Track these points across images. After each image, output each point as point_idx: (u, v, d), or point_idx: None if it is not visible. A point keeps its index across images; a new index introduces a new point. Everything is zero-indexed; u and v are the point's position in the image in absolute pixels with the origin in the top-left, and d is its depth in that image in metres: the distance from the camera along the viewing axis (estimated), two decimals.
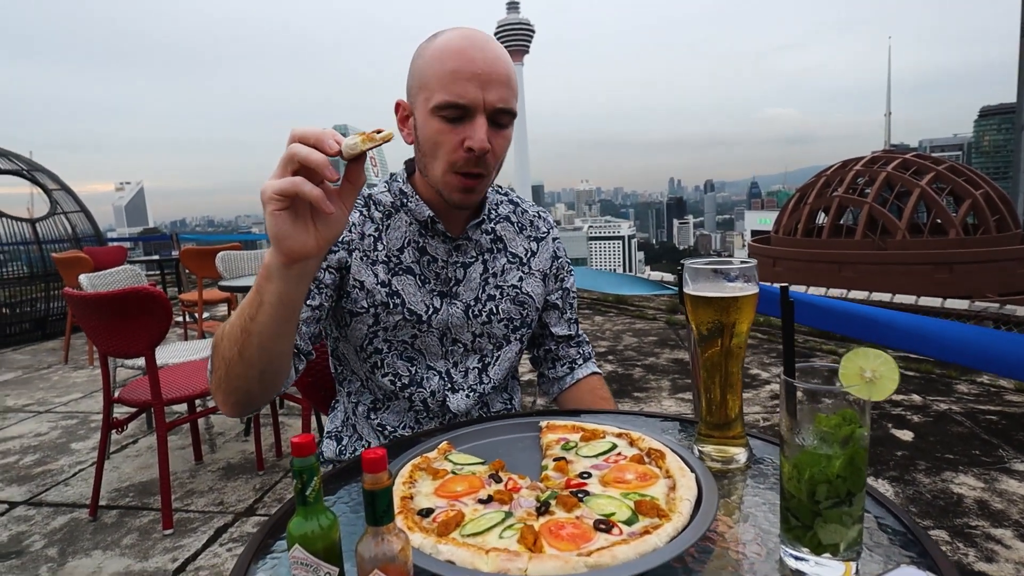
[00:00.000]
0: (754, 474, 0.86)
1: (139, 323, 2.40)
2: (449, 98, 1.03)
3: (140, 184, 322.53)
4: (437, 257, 1.20)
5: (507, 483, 0.80)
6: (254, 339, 0.89)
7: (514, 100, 1.09)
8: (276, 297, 0.85)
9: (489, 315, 1.23)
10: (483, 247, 1.25)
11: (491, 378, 1.26)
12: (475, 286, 1.22)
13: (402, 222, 1.20)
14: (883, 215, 25.10)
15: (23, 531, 2.65)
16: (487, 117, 1.05)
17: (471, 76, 1.03)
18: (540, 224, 1.35)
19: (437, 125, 1.06)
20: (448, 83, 1.03)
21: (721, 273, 0.86)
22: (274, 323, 0.88)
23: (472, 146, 1.04)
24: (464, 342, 1.23)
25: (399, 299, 1.17)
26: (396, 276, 1.18)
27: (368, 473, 0.52)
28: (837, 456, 0.60)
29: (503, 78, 1.05)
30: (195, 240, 9.91)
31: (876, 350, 0.60)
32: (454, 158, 1.07)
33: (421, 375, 1.21)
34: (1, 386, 4.98)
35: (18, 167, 7.16)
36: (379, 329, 1.17)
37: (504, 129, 1.09)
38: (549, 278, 1.34)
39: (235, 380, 0.95)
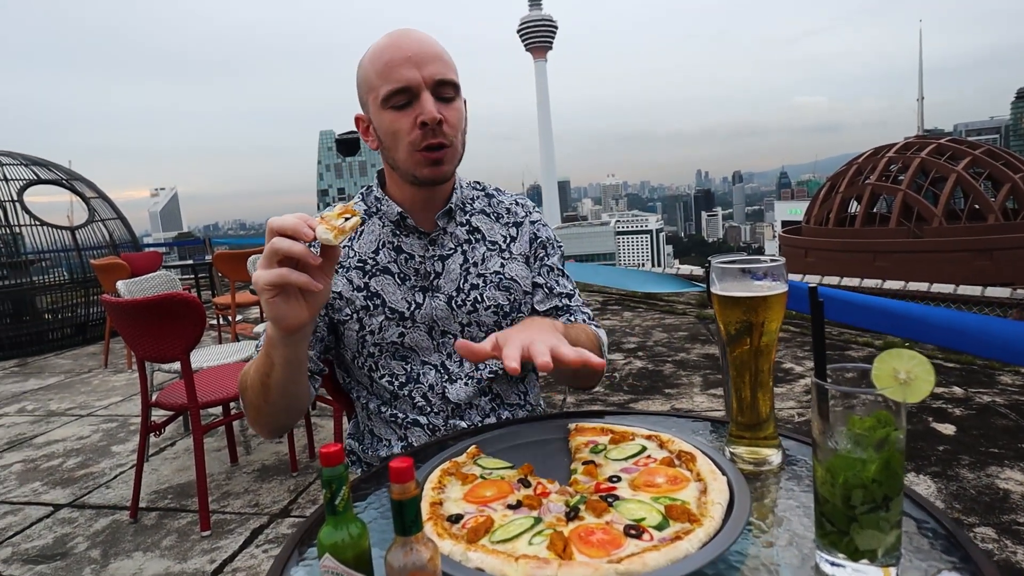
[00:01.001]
0: (788, 476, 0.85)
1: (174, 328, 2.45)
2: (392, 86, 1.11)
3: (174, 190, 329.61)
4: (413, 254, 1.24)
5: (536, 487, 0.80)
6: (273, 390, 1.02)
7: (452, 73, 1.15)
8: (284, 360, 0.98)
9: (475, 303, 1.24)
10: (460, 239, 1.27)
11: (487, 364, 1.25)
12: (455, 277, 1.24)
13: (375, 226, 1.26)
14: (918, 202, 24.46)
15: (67, 533, 2.73)
16: (431, 92, 1.11)
17: (404, 60, 1.10)
18: (517, 210, 1.36)
19: (390, 116, 1.13)
20: (387, 74, 1.11)
21: (748, 272, 0.85)
22: (287, 377, 1.01)
23: (424, 119, 1.10)
24: (453, 333, 1.24)
25: (379, 299, 1.21)
26: (373, 278, 1.22)
27: (395, 483, 0.52)
28: (872, 460, 0.59)
29: (435, 55, 1.13)
30: (227, 244, 10.10)
31: (910, 351, 0.59)
32: (412, 138, 1.12)
33: (417, 371, 1.23)
34: (45, 390, 5.13)
35: (58, 177, 7.38)
36: (366, 333, 1.21)
37: (452, 102, 1.15)
38: (531, 259, 1.33)
39: (266, 417, 1.10)
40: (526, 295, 1.29)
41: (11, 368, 6.07)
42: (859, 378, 0.64)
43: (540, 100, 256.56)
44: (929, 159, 25.65)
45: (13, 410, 4.64)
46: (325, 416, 3.96)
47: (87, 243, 7.23)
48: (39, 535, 2.73)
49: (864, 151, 29.24)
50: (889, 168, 26.70)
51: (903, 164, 26.23)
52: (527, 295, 1.29)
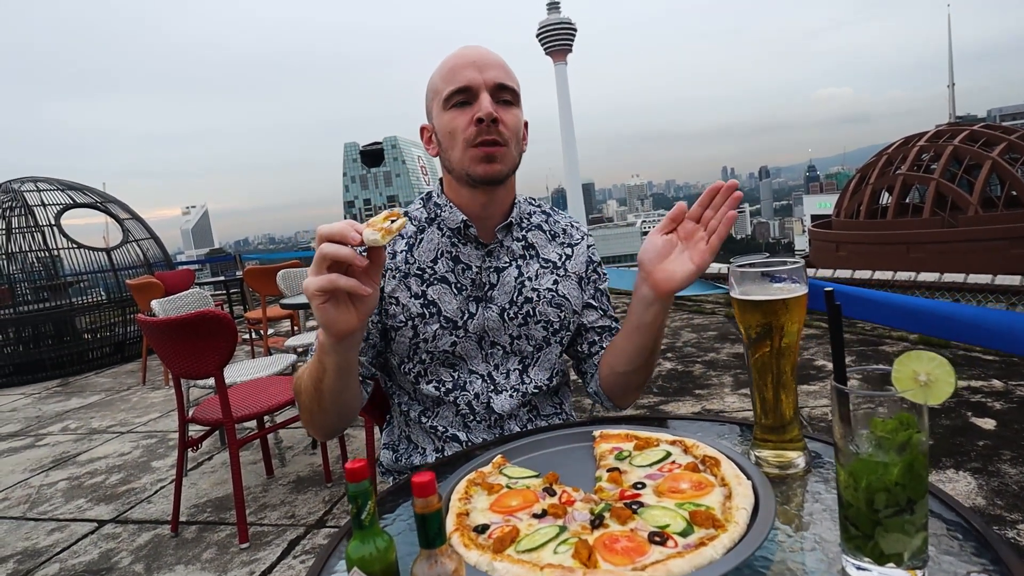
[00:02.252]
0: (815, 479, 0.84)
1: (207, 345, 2.50)
2: (454, 86, 1.16)
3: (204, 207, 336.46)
4: (471, 264, 1.25)
5: (561, 496, 0.81)
6: (326, 395, 1.06)
7: (513, 81, 1.20)
8: (336, 365, 1.01)
9: (526, 317, 1.26)
10: (516, 253, 1.29)
11: (532, 379, 1.28)
12: (509, 289, 1.26)
13: (435, 235, 1.27)
14: (952, 191, 23.86)
15: (112, 548, 2.81)
16: (490, 93, 1.16)
17: (467, 64, 1.17)
18: (573, 232, 1.38)
19: (449, 115, 1.18)
20: (450, 77, 1.17)
21: (767, 275, 0.85)
22: (339, 382, 1.04)
23: (480, 115, 1.13)
24: (503, 344, 1.26)
25: (435, 308, 1.22)
26: (431, 286, 1.23)
27: (418, 497, 0.54)
28: (894, 463, 0.59)
29: (497, 62, 1.18)
30: (257, 259, 10.28)
31: (931, 352, 0.58)
32: (468, 135, 1.15)
33: (464, 379, 1.25)
34: (87, 409, 5.28)
35: (93, 200, 7.60)
36: (419, 340, 1.22)
37: (510, 107, 1.19)
38: (585, 281, 1.35)
39: (319, 420, 1.13)
40: (574, 314, 1.32)
41: (54, 388, 6.26)
42: (880, 381, 0.64)
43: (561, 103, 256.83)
44: (962, 146, 25.01)
45: (57, 429, 4.78)
46: (357, 427, 4.01)
47: (122, 263, 7.43)
48: (85, 551, 2.81)
49: (894, 141, 28.64)
50: (920, 157, 26.11)
51: (935, 153, 25.63)
52: (575, 314, 1.32)
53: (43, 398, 5.87)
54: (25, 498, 3.49)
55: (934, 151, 25.73)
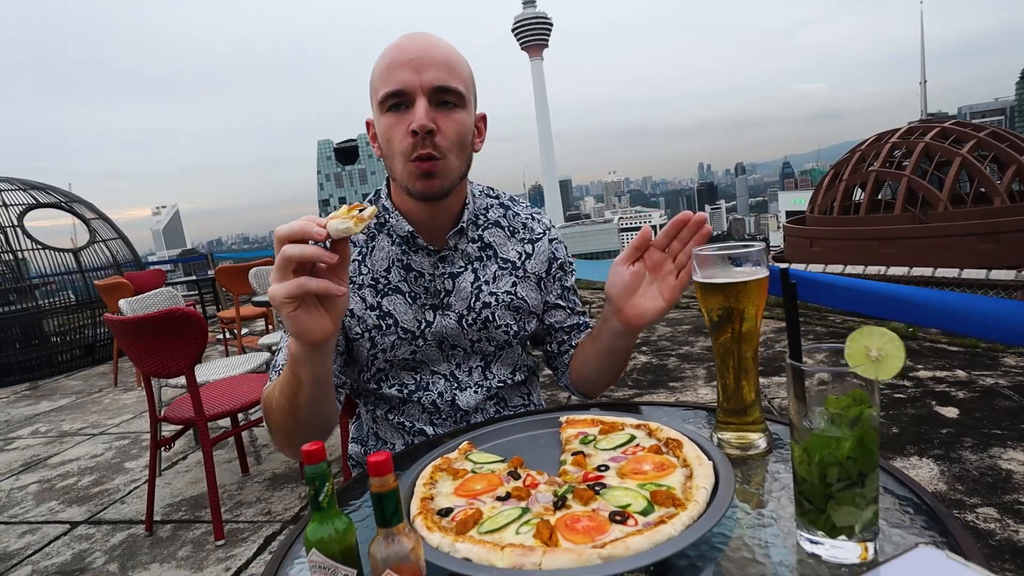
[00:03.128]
0: (775, 459, 0.86)
1: (176, 343, 2.47)
2: (388, 88, 1.06)
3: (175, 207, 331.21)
4: (423, 272, 1.20)
5: (525, 479, 0.81)
6: (303, 410, 0.97)
7: (456, 80, 1.08)
8: (312, 376, 0.92)
9: (485, 323, 1.22)
10: (471, 256, 1.23)
11: (495, 374, 1.26)
12: (466, 295, 1.21)
13: (385, 242, 1.21)
14: (923, 187, 24.32)
15: (85, 549, 2.76)
16: (427, 98, 1.06)
17: (404, 63, 1.06)
18: (534, 226, 1.31)
19: (386, 120, 1.09)
20: (386, 76, 1.07)
21: (729, 259, 0.86)
22: (316, 393, 0.96)
23: (413, 126, 1.04)
24: (463, 347, 1.23)
25: (391, 319, 1.18)
26: (386, 297, 1.19)
27: (374, 476, 0.54)
28: (846, 438, 0.60)
29: (438, 60, 1.07)
30: (231, 258, 10.16)
31: (882, 328, 0.60)
32: (403, 146, 1.07)
33: (427, 380, 1.22)
34: (57, 411, 5.18)
35: (57, 200, 7.43)
36: (377, 351, 1.19)
37: (453, 111, 1.09)
38: (546, 281, 1.30)
39: (295, 438, 1.03)
40: (531, 315, 1.28)
41: (23, 392, 6.12)
42: (833, 358, 0.66)
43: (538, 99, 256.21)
44: (933, 143, 25.50)
45: (27, 432, 4.68)
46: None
47: (90, 264, 7.28)
48: (57, 552, 2.76)
49: (867, 137, 29.12)
50: (893, 154, 26.57)
51: (907, 149, 26.10)
52: (532, 315, 1.28)
53: (11, 402, 5.75)
54: None
55: (906, 147, 26.20)
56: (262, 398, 1.09)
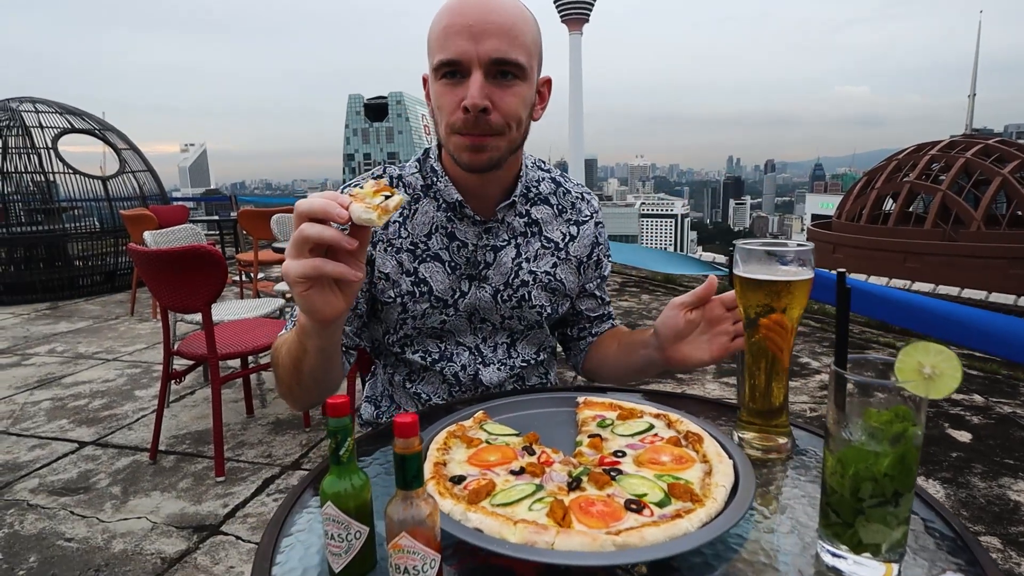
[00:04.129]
0: (795, 465, 0.84)
1: (197, 280, 2.48)
2: (443, 55, 1.00)
3: (203, 146, 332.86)
4: (467, 242, 1.16)
5: (540, 456, 0.80)
6: (306, 375, 0.96)
7: (518, 51, 1.00)
8: (318, 348, 0.91)
9: (520, 301, 1.19)
10: (516, 231, 1.19)
11: (519, 353, 1.24)
12: (505, 271, 1.18)
13: (430, 207, 1.17)
14: (957, 204, 23.80)
15: (90, 469, 2.82)
16: (483, 71, 0.99)
17: (461, 29, 0.98)
18: (583, 207, 1.28)
19: (439, 87, 1.03)
20: (442, 41, 1.00)
21: (775, 256, 0.83)
22: (321, 363, 0.94)
23: (466, 104, 0.98)
24: (493, 322, 1.21)
25: (426, 287, 1.15)
26: (423, 263, 1.15)
27: (399, 437, 0.52)
28: (886, 454, 0.57)
29: (498, 27, 0.98)
30: (253, 202, 10.19)
31: (938, 345, 0.57)
32: (453, 119, 1.02)
33: (451, 350, 1.20)
34: (74, 333, 5.27)
35: (91, 127, 7.46)
36: (407, 317, 1.16)
37: (511, 84, 1.02)
38: (586, 266, 1.28)
39: (299, 396, 1.04)
40: (566, 298, 1.26)
41: (43, 311, 6.23)
42: (881, 371, 0.63)
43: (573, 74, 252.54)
44: (974, 160, 24.89)
45: (44, 350, 4.77)
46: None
47: (117, 194, 7.33)
48: (64, 469, 2.83)
49: (906, 147, 28.49)
50: (931, 167, 26.00)
51: (946, 163, 25.51)
52: (567, 298, 1.26)
53: (32, 319, 5.85)
54: (8, 414, 3.50)
55: (945, 161, 25.62)
56: (273, 346, 1.07)
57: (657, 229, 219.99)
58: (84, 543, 2.27)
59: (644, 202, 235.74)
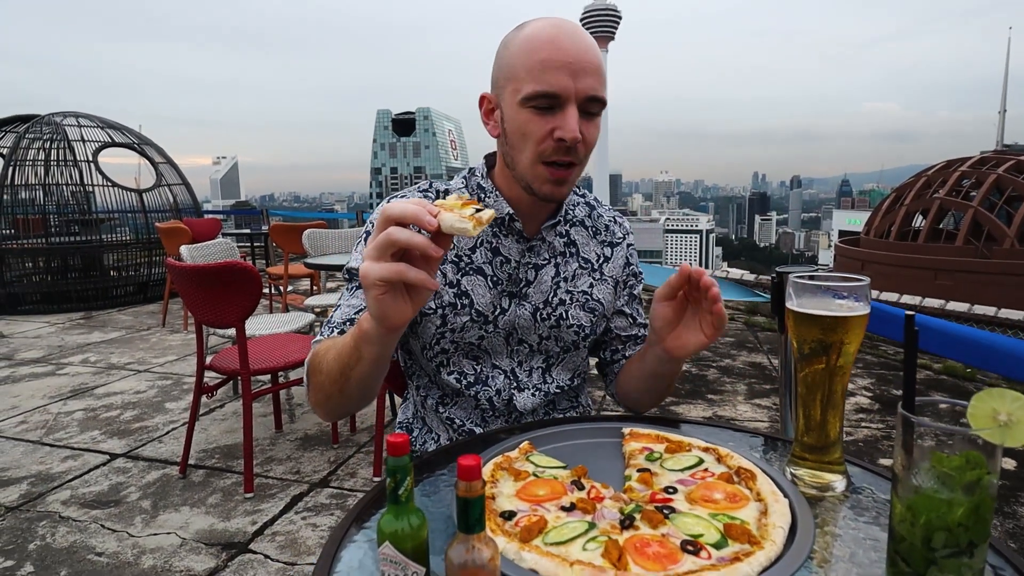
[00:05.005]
0: (851, 505, 0.81)
1: (232, 295, 2.52)
2: (540, 88, 1.02)
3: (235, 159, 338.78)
4: (510, 258, 1.19)
5: (590, 491, 0.79)
6: (353, 382, 0.95)
7: (604, 89, 1.07)
8: (375, 355, 0.90)
9: (558, 320, 1.21)
10: (556, 250, 1.23)
11: (554, 378, 1.25)
12: (545, 288, 1.20)
13: None
14: (989, 220, 23.29)
15: (121, 482, 2.85)
16: (578, 106, 1.04)
17: (562, 65, 1.02)
18: (616, 229, 1.32)
19: (526, 115, 1.05)
20: (538, 73, 1.02)
21: (830, 290, 0.81)
22: (372, 371, 0.94)
23: (563, 136, 1.03)
24: (530, 343, 1.22)
25: (467, 299, 1.16)
26: (466, 276, 1.17)
27: (463, 480, 0.52)
28: (960, 503, 0.56)
29: (593, 67, 1.04)
30: (282, 215, 10.34)
31: (1013, 392, 0.55)
32: (543, 148, 1.05)
33: (487, 373, 1.20)
34: (107, 343, 5.36)
35: (130, 140, 7.66)
36: (446, 330, 1.16)
37: (595, 118, 1.08)
38: (620, 285, 1.30)
39: (334, 404, 1.03)
40: (603, 318, 1.27)
41: (78, 320, 6.36)
42: (950, 415, 0.61)
43: None
44: (1006, 176, 24.38)
45: (78, 360, 4.86)
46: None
47: (152, 206, 7.51)
48: (96, 481, 2.87)
49: (935, 163, 28.00)
50: (961, 183, 25.52)
51: (977, 180, 25.03)
52: (604, 318, 1.28)
53: (66, 328, 5.98)
54: (43, 423, 3.56)
55: (976, 178, 25.13)
56: (309, 355, 1.07)
57: (682, 244, 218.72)
58: (114, 558, 2.29)
59: (669, 217, 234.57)
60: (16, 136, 7.11)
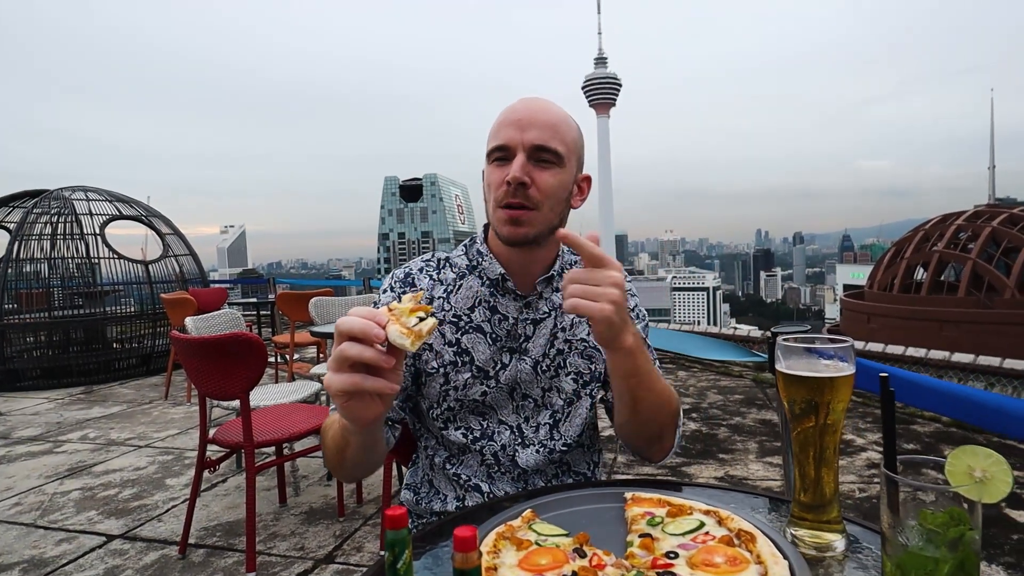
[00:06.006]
0: (853, 565, 0.82)
1: (237, 367, 2.53)
2: (495, 143, 1.16)
3: (242, 227, 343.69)
4: (508, 315, 1.25)
5: (591, 559, 0.79)
6: (348, 461, 1.06)
7: (558, 142, 1.16)
8: (359, 442, 1.01)
9: (557, 369, 1.25)
10: (554, 304, 1.28)
11: (562, 435, 1.26)
12: (544, 342, 1.25)
13: (474, 283, 1.27)
14: (988, 272, 23.40)
15: (118, 564, 2.79)
16: (526, 155, 1.14)
17: (512, 122, 1.16)
18: None
19: (490, 170, 1.19)
20: (495, 132, 1.18)
21: (815, 352, 0.84)
22: (363, 452, 1.05)
23: (508, 178, 1.13)
24: (534, 397, 1.25)
25: (468, 356, 1.22)
26: (466, 335, 1.23)
27: (458, 552, 0.53)
28: (945, 560, 0.57)
29: (542, 122, 1.16)
30: (289, 283, 10.44)
31: (986, 449, 0.57)
32: (498, 194, 1.16)
33: (493, 428, 1.24)
34: (108, 418, 5.34)
35: (138, 213, 7.82)
36: (450, 388, 1.22)
37: (548, 167, 1.16)
38: None
39: (347, 474, 1.14)
40: (603, 363, 1.28)
41: (78, 395, 6.34)
42: (933, 472, 0.63)
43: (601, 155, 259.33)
44: (1001, 228, 24.65)
45: (76, 437, 4.83)
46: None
47: (158, 276, 7.58)
48: (91, 565, 2.80)
49: (932, 217, 28.36)
50: (958, 236, 25.78)
51: (973, 232, 25.30)
52: (604, 363, 1.28)
53: (66, 404, 5.95)
54: (37, 505, 3.51)
55: (972, 231, 25.40)
56: (323, 425, 1.15)
57: (690, 302, 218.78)
58: None
59: (675, 276, 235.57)
60: (24, 211, 7.25)
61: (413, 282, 1.28)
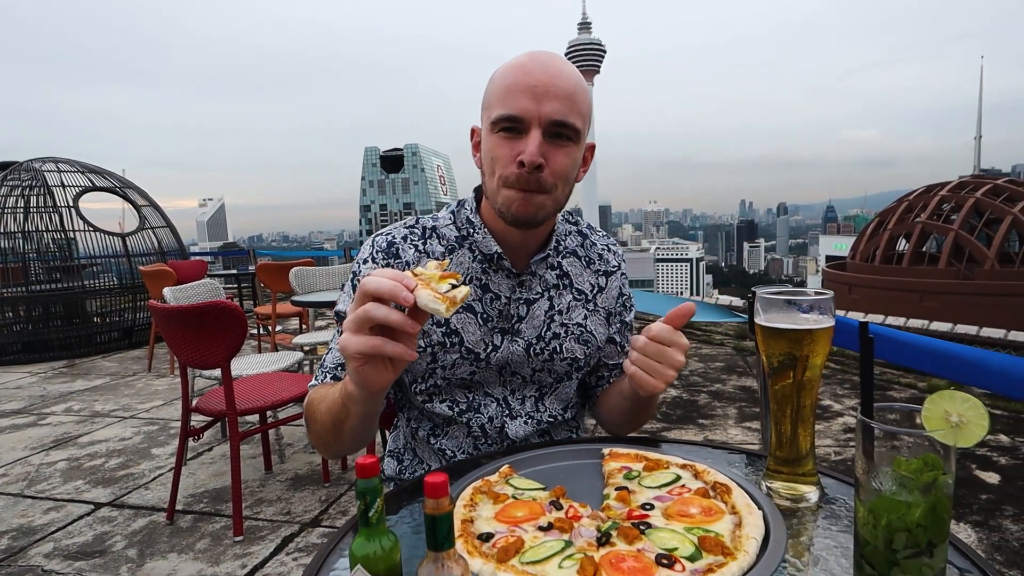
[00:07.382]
0: (825, 515, 0.83)
1: (217, 336, 2.51)
2: (504, 111, 1.03)
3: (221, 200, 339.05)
4: (500, 294, 1.18)
5: (568, 511, 0.80)
6: (346, 433, 0.99)
7: (576, 116, 1.04)
8: (362, 413, 0.93)
9: (552, 354, 1.20)
10: (549, 283, 1.21)
11: (547, 408, 1.24)
12: (539, 324, 1.19)
13: (465, 258, 1.18)
14: (970, 243, 23.70)
15: (106, 531, 2.80)
16: (543, 131, 1.02)
17: (526, 88, 1.02)
18: (609, 258, 1.30)
19: (495, 140, 1.06)
20: (504, 97, 1.03)
21: (795, 304, 0.83)
22: (363, 425, 0.98)
23: (522, 159, 1.01)
24: (523, 375, 1.21)
25: (457, 338, 1.15)
26: (456, 314, 1.15)
27: (430, 498, 0.53)
28: (918, 504, 0.57)
29: (561, 92, 1.02)
30: (270, 255, 10.35)
31: (964, 393, 0.57)
32: (507, 173, 1.05)
33: (479, 401, 1.20)
34: (91, 391, 5.30)
35: (112, 184, 7.65)
36: (437, 367, 1.16)
37: (565, 145, 1.05)
38: (613, 315, 1.29)
39: (335, 450, 1.08)
40: (598, 350, 1.26)
41: (60, 368, 6.28)
42: (907, 419, 0.63)
43: None
44: (984, 199, 24.91)
45: (60, 409, 4.79)
46: None
47: (136, 250, 7.45)
48: (80, 532, 2.81)
49: (916, 188, 28.59)
50: (941, 207, 26.04)
51: (956, 203, 25.55)
52: (599, 350, 1.27)
53: (48, 378, 5.90)
54: (24, 475, 3.49)
55: (955, 201, 25.65)
56: (307, 400, 1.09)
57: (673, 273, 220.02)
58: None
59: (659, 247, 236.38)
60: None
61: (397, 252, 1.17)
